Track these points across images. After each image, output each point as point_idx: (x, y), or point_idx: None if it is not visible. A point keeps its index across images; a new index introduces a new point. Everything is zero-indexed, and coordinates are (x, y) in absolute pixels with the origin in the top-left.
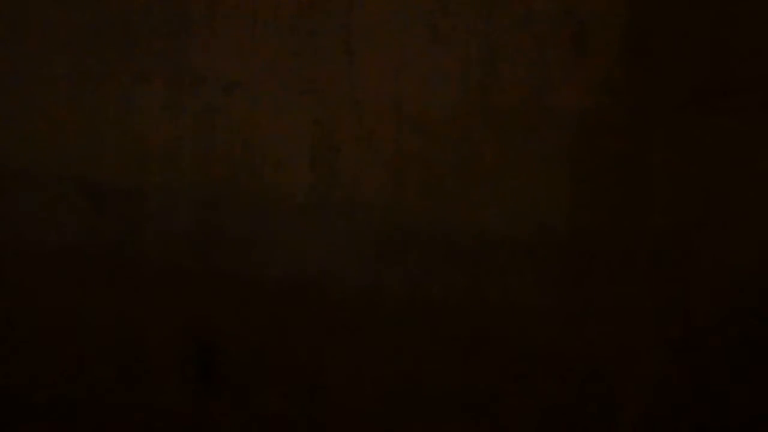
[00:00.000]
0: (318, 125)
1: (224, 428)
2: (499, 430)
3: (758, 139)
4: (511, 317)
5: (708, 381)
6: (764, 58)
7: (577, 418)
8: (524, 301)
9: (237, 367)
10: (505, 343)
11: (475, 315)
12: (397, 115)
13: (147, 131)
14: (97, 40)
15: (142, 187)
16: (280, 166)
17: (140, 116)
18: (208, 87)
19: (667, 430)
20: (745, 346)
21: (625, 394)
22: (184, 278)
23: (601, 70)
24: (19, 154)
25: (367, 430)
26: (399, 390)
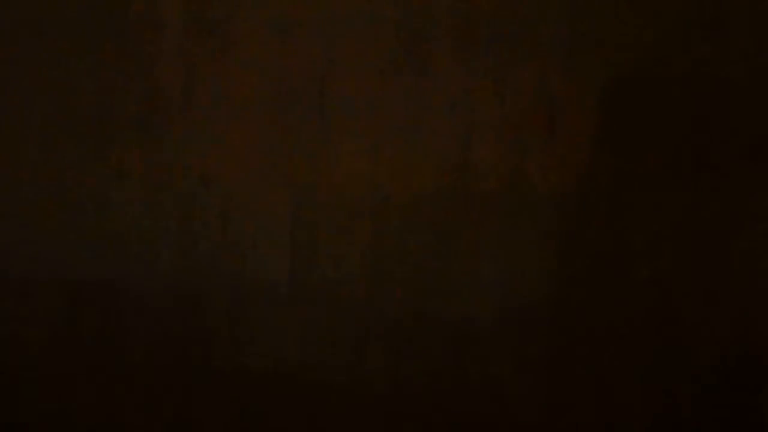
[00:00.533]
0: (296, 214)
1: None
2: None
3: (732, 214)
4: (494, 400)
5: None
6: (734, 137)
7: None
8: (506, 383)
9: None
10: (488, 427)
11: (458, 400)
12: (375, 202)
13: (125, 226)
14: (73, 137)
15: (121, 282)
16: (260, 257)
17: (118, 211)
18: (186, 180)
19: None
20: (730, 418)
21: None
22: (164, 369)
23: (575, 152)
24: None
25: None
26: None
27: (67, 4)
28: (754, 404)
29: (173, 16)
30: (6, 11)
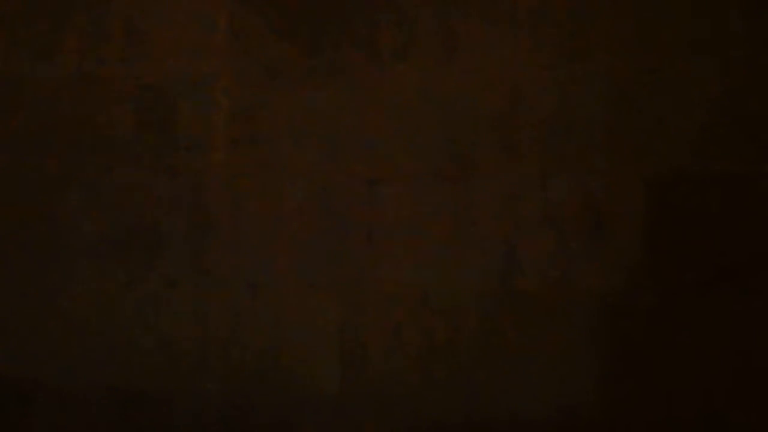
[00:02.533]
0: (345, 320)
1: None
2: None
3: None
4: None
5: None
6: None
7: None
8: None
9: None
10: None
11: None
12: (423, 307)
13: (176, 335)
14: (123, 248)
15: (171, 392)
16: (309, 362)
17: (169, 320)
18: (235, 288)
19: None
20: None
21: None
22: None
23: (621, 254)
24: (47, 365)
25: None
26: None
27: (118, 122)
28: None
29: (219, 131)
30: (56, 127)
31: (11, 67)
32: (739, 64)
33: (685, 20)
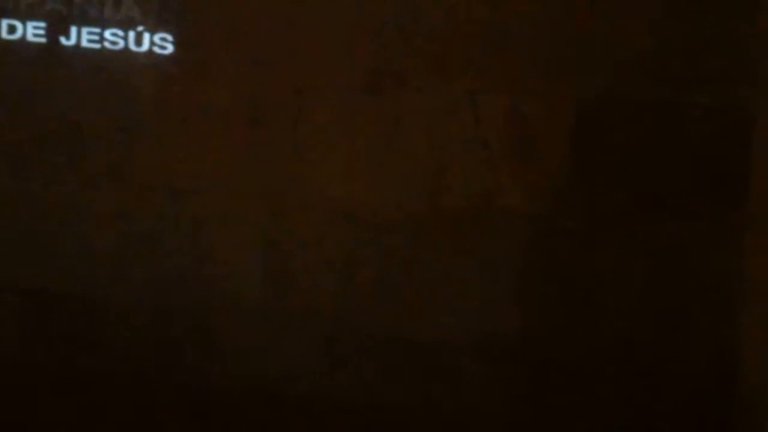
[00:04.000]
0: (269, 231)
1: None
2: None
3: (703, 243)
4: (464, 424)
5: None
6: (706, 168)
7: None
8: (476, 405)
9: None
10: None
11: (428, 420)
12: (348, 221)
13: (96, 238)
14: (43, 145)
15: (91, 296)
16: (232, 272)
17: (89, 223)
18: (158, 194)
19: None
20: None
21: None
22: (135, 387)
23: (548, 175)
24: None
25: None
26: None
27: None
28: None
29: (145, 33)
30: None
31: None
32: None
33: None
